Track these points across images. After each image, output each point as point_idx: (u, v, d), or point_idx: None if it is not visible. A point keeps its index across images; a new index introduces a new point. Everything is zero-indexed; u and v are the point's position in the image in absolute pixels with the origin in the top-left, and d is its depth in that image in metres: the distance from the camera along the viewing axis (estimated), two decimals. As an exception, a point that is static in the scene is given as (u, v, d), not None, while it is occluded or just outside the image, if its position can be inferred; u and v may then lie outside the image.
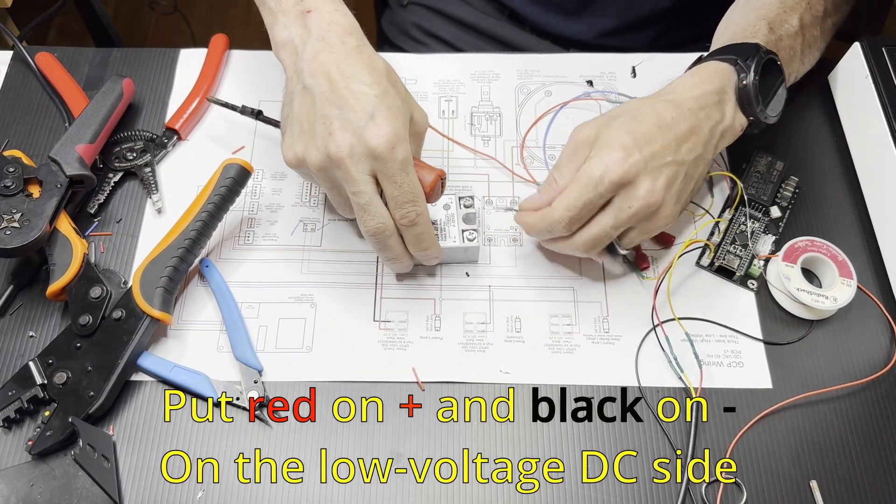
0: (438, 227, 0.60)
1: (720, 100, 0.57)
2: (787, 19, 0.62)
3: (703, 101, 0.56)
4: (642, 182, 0.53)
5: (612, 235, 0.55)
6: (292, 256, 0.62)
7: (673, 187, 0.54)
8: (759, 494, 0.53)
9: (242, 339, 0.57)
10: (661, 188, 0.53)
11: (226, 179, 0.59)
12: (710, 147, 0.56)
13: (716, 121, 0.56)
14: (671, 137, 0.54)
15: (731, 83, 0.58)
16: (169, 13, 1.76)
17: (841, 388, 0.57)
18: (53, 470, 0.52)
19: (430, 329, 0.59)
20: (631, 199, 0.53)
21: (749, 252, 0.62)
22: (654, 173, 0.53)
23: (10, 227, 0.56)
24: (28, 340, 0.58)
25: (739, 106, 0.58)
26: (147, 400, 0.56)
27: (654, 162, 0.53)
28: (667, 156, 0.53)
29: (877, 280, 0.62)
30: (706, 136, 0.56)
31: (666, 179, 0.53)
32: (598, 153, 0.53)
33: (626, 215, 0.53)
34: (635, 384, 0.57)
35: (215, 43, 0.71)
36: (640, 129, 0.54)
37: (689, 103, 0.56)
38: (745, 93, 0.57)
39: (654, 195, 0.53)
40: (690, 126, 0.55)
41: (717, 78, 0.57)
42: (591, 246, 0.55)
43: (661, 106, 0.55)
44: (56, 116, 0.68)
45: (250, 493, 0.53)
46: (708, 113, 0.56)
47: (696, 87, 0.57)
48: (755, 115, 0.58)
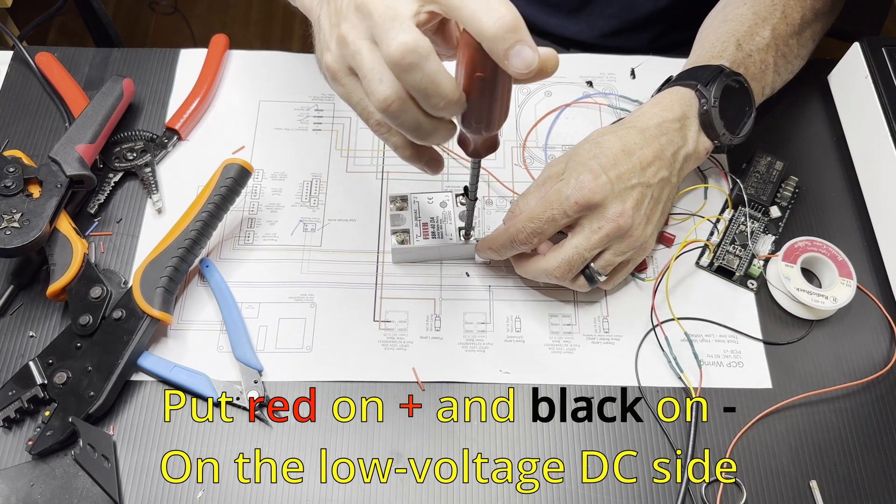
0: (435, 223, 0.60)
1: (682, 126, 0.58)
2: (759, 32, 0.62)
3: (664, 129, 0.57)
4: (611, 204, 0.53)
5: (586, 258, 0.55)
6: (292, 256, 0.62)
7: (641, 209, 0.55)
8: (758, 494, 0.53)
9: (242, 339, 0.57)
10: (630, 209, 0.54)
11: (226, 179, 0.59)
12: (675, 171, 0.58)
13: (678, 146, 0.57)
14: (635, 161, 0.55)
15: (692, 109, 0.59)
16: (169, 13, 1.76)
17: (841, 388, 0.57)
18: (53, 470, 0.53)
19: (430, 329, 0.59)
20: (601, 220, 0.54)
21: (749, 252, 0.62)
22: (622, 195, 0.54)
23: (10, 227, 0.56)
24: (28, 340, 0.58)
25: (703, 130, 0.59)
26: (147, 400, 0.56)
27: (621, 184, 0.54)
28: (632, 178, 0.54)
29: (877, 280, 0.62)
30: (669, 160, 0.57)
31: (634, 201, 0.54)
32: (567, 176, 0.55)
33: (598, 237, 0.54)
34: (635, 384, 0.57)
35: (215, 43, 0.71)
36: (606, 154, 0.55)
37: (652, 130, 0.57)
38: (707, 118, 0.58)
39: (624, 217, 0.53)
40: (654, 151, 0.56)
41: (678, 105, 0.58)
42: (566, 269, 0.55)
43: (623, 132, 0.56)
44: (56, 116, 0.68)
45: (250, 493, 0.53)
46: (670, 138, 0.57)
47: (658, 115, 0.58)
48: (718, 138, 0.59)
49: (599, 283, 0.57)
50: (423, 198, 0.61)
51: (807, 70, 0.70)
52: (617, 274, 0.58)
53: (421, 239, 0.60)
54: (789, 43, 0.64)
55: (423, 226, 0.60)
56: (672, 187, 0.58)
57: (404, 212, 0.60)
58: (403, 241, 0.59)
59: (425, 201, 0.61)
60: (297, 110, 0.70)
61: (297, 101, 0.70)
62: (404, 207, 0.61)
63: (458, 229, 0.60)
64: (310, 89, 0.70)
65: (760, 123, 0.69)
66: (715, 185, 0.65)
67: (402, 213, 0.60)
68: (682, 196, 0.65)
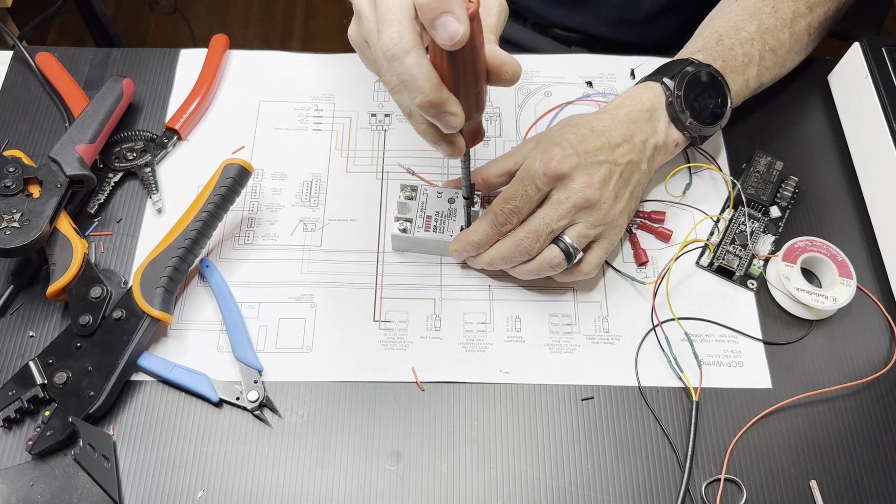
0: (439, 218, 0.60)
1: (651, 117, 0.60)
2: (744, 27, 0.64)
3: (634, 117, 0.59)
4: (578, 176, 0.55)
5: (553, 228, 0.55)
6: (292, 256, 0.62)
7: (609, 184, 0.56)
8: (758, 494, 0.53)
9: (242, 339, 0.57)
10: (597, 182, 0.55)
11: (226, 179, 0.59)
12: (644, 157, 0.59)
13: (648, 134, 0.59)
14: (604, 140, 0.57)
15: (660, 101, 0.61)
16: (169, 13, 1.76)
17: (841, 388, 0.57)
18: (53, 470, 0.53)
19: (430, 329, 0.59)
20: (568, 191, 0.55)
21: (749, 252, 0.62)
22: (590, 168, 0.55)
23: (10, 227, 0.56)
24: (28, 340, 0.58)
25: (672, 122, 0.60)
26: (147, 400, 0.56)
27: (589, 158, 0.55)
28: (600, 155, 0.56)
29: (877, 280, 0.62)
30: (639, 146, 0.58)
31: (601, 176, 0.55)
32: (535, 152, 0.57)
33: (565, 207, 0.55)
34: (635, 384, 0.57)
35: (215, 43, 0.71)
36: (575, 133, 0.57)
37: (622, 117, 0.59)
38: (672, 109, 0.60)
39: (591, 188, 0.55)
40: (623, 135, 0.58)
41: (646, 97, 0.61)
42: (534, 237, 0.55)
43: (593, 117, 0.59)
44: (56, 116, 0.68)
45: (250, 493, 0.53)
46: (640, 126, 0.59)
47: (628, 105, 0.60)
48: (686, 129, 0.60)
49: (576, 259, 0.56)
50: (432, 191, 0.61)
51: (807, 70, 0.71)
52: (593, 253, 0.58)
53: (422, 231, 0.60)
54: (779, 37, 0.64)
55: (426, 218, 0.60)
56: (642, 174, 0.59)
57: (412, 202, 0.61)
58: (405, 230, 0.60)
59: (434, 195, 0.61)
60: (297, 110, 0.70)
61: (297, 101, 0.70)
62: (412, 197, 0.61)
63: (461, 228, 0.60)
64: (310, 89, 0.71)
65: (760, 123, 0.69)
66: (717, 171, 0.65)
67: (410, 202, 0.61)
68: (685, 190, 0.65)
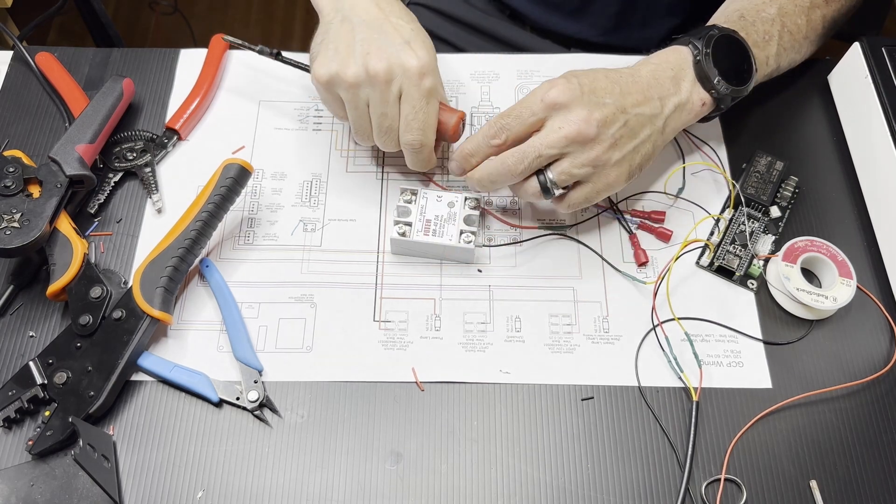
0: (438, 222, 0.60)
1: (675, 75, 0.59)
2: (765, 9, 0.64)
3: (656, 74, 0.58)
4: (577, 108, 0.54)
5: (541, 154, 0.54)
6: (292, 256, 0.62)
7: (609, 128, 0.54)
8: (758, 494, 0.53)
9: (242, 339, 0.57)
10: (596, 120, 0.54)
11: (226, 179, 0.59)
12: (661, 115, 0.57)
13: (669, 92, 0.58)
14: (617, 88, 0.56)
15: (687, 60, 0.59)
16: (169, 13, 1.76)
17: (841, 388, 0.57)
18: (53, 470, 0.53)
19: (430, 329, 0.59)
20: (563, 120, 0.54)
21: (749, 252, 0.62)
22: (591, 105, 0.54)
23: (10, 227, 0.56)
24: (28, 340, 0.58)
25: (699, 81, 0.59)
26: (147, 400, 0.56)
27: (594, 98, 0.54)
28: (607, 98, 0.55)
29: (876, 280, 0.62)
30: (656, 102, 0.57)
31: (602, 116, 0.54)
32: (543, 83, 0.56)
33: (557, 136, 0.54)
34: (635, 384, 0.57)
35: (215, 43, 0.71)
36: (588, 75, 0.56)
37: (643, 73, 0.58)
38: (700, 68, 0.59)
39: (588, 124, 0.53)
40: (640, 89, 0.57)
41: (672, 57, 0.60)
42: (519, 158, 0.55)
43: (613, 71, 0.58)
44: (56, 116, 0.68)
45: (250, 493, 0.53)
46: (661, 84, 0.58)
47: (653, 62, 0.60)
48: (715, 88, 0.59)
49: (554, 195, 0.56)
50: (432, 195, 0.61)
51: (807, 70, 0.71)
52: (574, 192, 0.57)
53: (421, 234, 0.60)
54: (797, 22, 0.65)
55: (426, 222, 0.60)
56: (655, 131, 0.57)
57: (411, 205, 0.61)
58: (403, 234, 0.60)
59: (434, 199, 0.61)
60: (297, 110, 0.70)
61: (297, 101, 0.70)
62: (412, 201, 0.61)
63: (460, 232, 0.60)
64: (310, 89, 0.70)
65: (760, 123, 0.69)
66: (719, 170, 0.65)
67: (409, 206, 0.61)
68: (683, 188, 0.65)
